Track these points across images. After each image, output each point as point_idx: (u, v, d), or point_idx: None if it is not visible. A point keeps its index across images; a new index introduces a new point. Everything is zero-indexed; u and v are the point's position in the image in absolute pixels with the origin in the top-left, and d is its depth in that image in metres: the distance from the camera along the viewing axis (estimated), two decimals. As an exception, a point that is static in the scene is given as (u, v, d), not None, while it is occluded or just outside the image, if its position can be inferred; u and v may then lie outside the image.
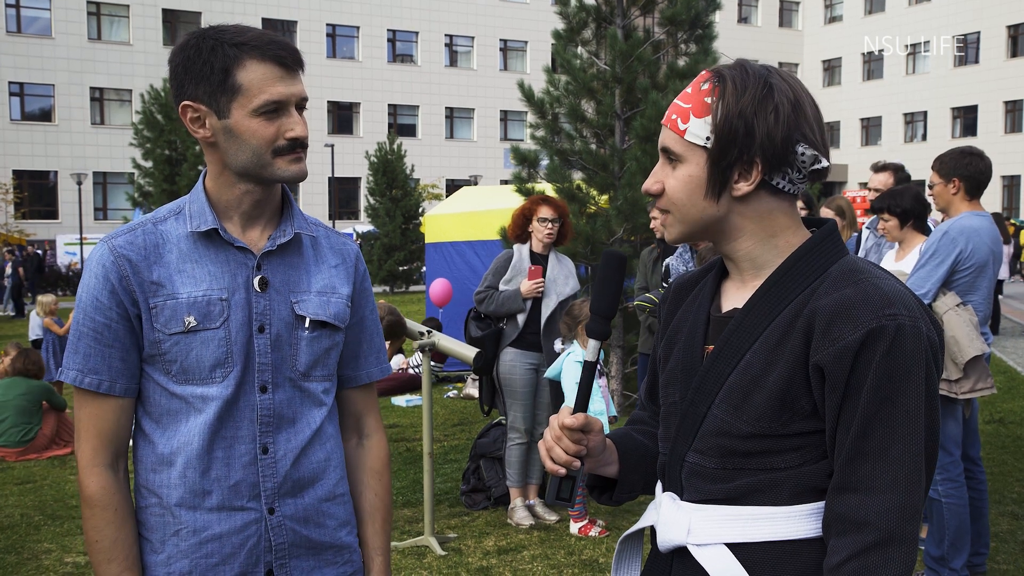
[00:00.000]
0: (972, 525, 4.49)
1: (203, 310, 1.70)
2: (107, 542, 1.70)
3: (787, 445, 1.39)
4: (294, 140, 1.71)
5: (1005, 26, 42.06)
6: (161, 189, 22.99)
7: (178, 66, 1.71)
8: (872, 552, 1.30)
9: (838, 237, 1.48)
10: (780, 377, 1.38)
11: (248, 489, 1.73)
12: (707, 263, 1.64)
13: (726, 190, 1.45)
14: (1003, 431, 7.75)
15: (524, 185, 8.70)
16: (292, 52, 1.72)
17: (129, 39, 38.66)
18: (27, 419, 7.83)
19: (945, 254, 4.22)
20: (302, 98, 1.73)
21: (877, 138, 47.64)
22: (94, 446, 1.71)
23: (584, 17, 8.75)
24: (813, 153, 1.43)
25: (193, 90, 1.69)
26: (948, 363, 4.20)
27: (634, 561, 1.64)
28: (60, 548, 5.44)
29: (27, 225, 35.60)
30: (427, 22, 43.89)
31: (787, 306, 1.42)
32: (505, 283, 5.66)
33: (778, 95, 1.42)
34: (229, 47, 1.67)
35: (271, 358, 1.75)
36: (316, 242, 1.86)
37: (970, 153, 4.39)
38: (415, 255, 27.86)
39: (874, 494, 1.31)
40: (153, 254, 1.72)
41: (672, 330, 1.61)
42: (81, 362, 1.70)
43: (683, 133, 1.45)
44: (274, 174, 1.72)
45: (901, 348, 1.31)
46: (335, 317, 1.82)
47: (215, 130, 1.70)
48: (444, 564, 4.94)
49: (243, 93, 1.67)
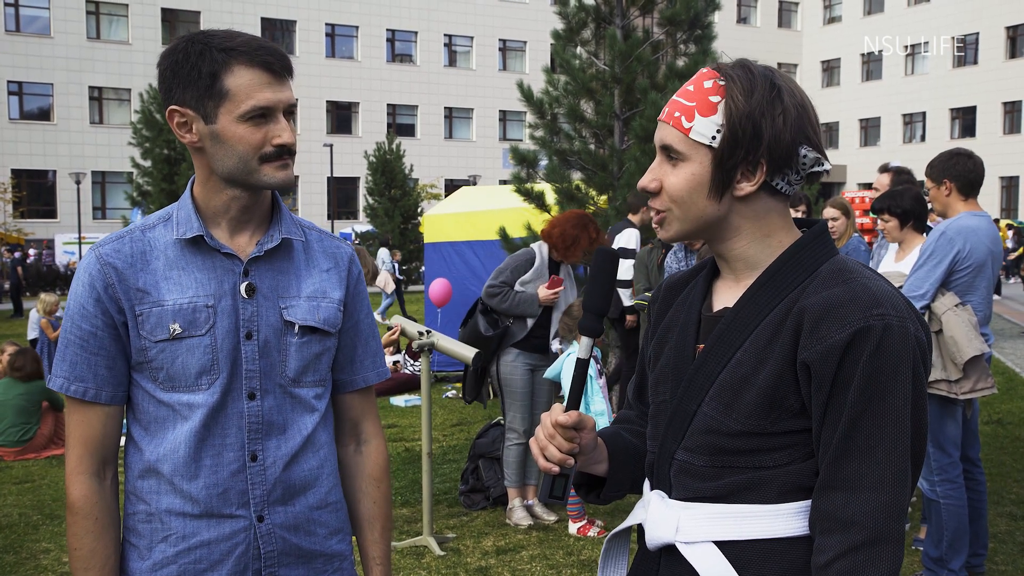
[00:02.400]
0: (971, 526, 4.49)
1: (188, 317, 1.70)
2: (85, 551, 1.71)
3: (775, 443, 1.40)
4: (281, 147, 1.70)
5: (1004, 27, 42.07)
6: (160, 188, 22.96)
7: (166, 70, 1.70)
8: (860, 551, 1.31)
9: (828, 237, 1.49)
10: (769, 375, 1.39)
11: (237, 496, 1.72)
12: (699, 263, 1.64)
13: (729, 190, 1.45)
14: (1001, 432, 7.75)
15: (523, 185, 8.70)
16: (281, 58, 1.71)
17: (128, 38, 38.65)
18: (25, 419, 7.83)
19: (943, 254, 4.23)
20: (290, 104, 1.72)
21: (876, 139, 47.66)
22: (79, 453, 1.72)
23: (583, 17, 8.75)
24: (815, 156, 1.44)
25: (180, 94, 1.69)
26: (948, 363, 4.20)
27: (621, 559, 1.64)
28: (58, 548, 5.44)
29: (26, 224, 35.58)
30: (426, 22, 43.90)
31: (777, 305, 1.43)
32: (523, 284, 5.63)
33: (787, 97, 1.42)
34: (217, 52, 1.66)
35: (259, 365, 1.74)
36: (308, 246, 1.85)
37: (957, 154, 4.43)
38: (414, 255, 27.86)
39: (860, 493, 1.32)
40: (140, 261, 1.71)
41: (663, 329, 1.61)
42: (68, 370, 1.71)
43: (688, 131, 1.44)
44: (260, 180, 1.71)
45: (888, 348, 1.32)
46: (325, 322, 1.81)
47: (202, 135, 1.69)
48: (443, 564, 4.93)
49: (230, 98, 1.66)
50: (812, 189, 23.31)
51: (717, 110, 1.42)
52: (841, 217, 6.03)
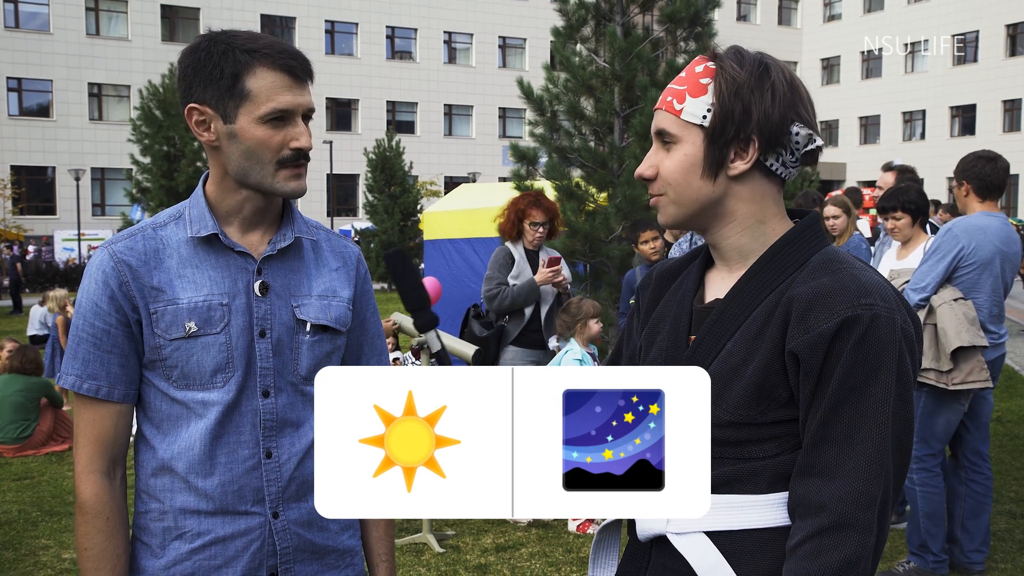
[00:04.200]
0: (973, 522, 4.56)
1: (204, 315, 1.70)
2: (96, 550, 1.70)
3: (765, 434, 1.41)
4: (298, 150, 1.70)
5: (1004, 25, 42.06)
6: (159, 185, 22.92)
7: (187, 67, 1.70)
8: (825, 535, 1.32)
9: (819, 228, 1.50)
10: (759, 365, 1.40)
11: (252, 493, 1.72)
12: (692, 250, 1.65)
13: (723, 169, 1.46)
14: (1000, 430, 7.76)
15: (523, 182, 8.69)
16: (303, 62, 1.72)
17: (128, 35, 38.60)
18: (24, 415, 7.82)
19: (946, 250, 4.31)
20: (309, 108, 1.73)
21: (876, 137, 47.65)
22: (90, 452, 1.71)
23: (583, 14, 8.74)
24: (808, 132, 1.44)
25: (201, 93, 1.69)
26: (940, 354, 4.26)
27: (612, 551, 1.65)
28: (58, 544, 5.44)
29: (25, 221, 35.55)
30: (426, 19, 43.86)
31: (767, 296, 1.43)
32: (513, 279, 5.70)
33: (775, 74, 1.44)
34: (241, 53, 1.67)
35: (273, 363, 1.74)
36: (317, 246, 1.86)
37: (980, 157, 4.51)
38: (413, 252, 27.85)
39: (834, 479, 1.33)
40: (153, 259, 1.71)
41: (655, 319, 1.61)
42: (80, 367, 1.70)
43: (679, 113, 1.45)
44: (273, 188, 1.72)
45: (875, 337, 1.33)
46: (336, 321, 1.82)
47: (220, 134, 1.70)
48: (442, 561, 4.93)
49: (251, 99, 1.67)
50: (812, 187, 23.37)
51: (707, 90, 1.44)
52: (842, 215, 6.03)
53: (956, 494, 4.60)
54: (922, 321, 4.30)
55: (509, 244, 5.88)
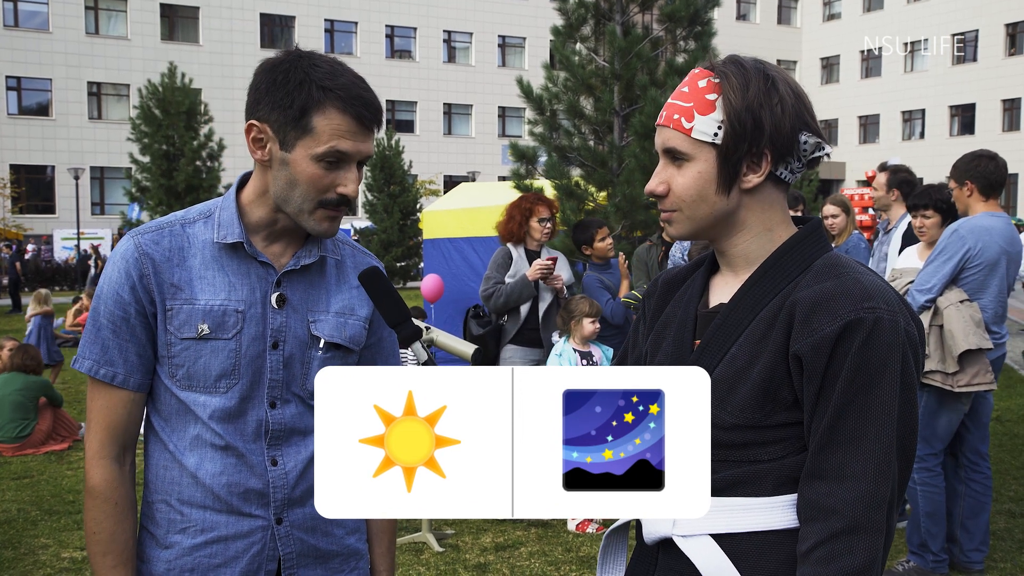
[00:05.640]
0: (973, 521, 4.56)
1: (217, 319, 1.70)
2: (105, 535, 1.71)
3: (770, 437, 1.42)
4: (343, 196, 1.69)
5: (1003, 24, 42.06)
6: (158, 184, 22.90)
7: (260, 84, 1.69)
8: (838, 539, 1.33)
9: (822, 233, 1.51)
10: (763, 368, 1.40)
11: (257, 498, 1.73)
12: (696, 258, 1.66)
13: (736, 183, 1.47)
14: (1000, 429, 7.77)
15: (522, 182, 8.69)
16: (375, 112, 1.70)
17: (127, 34, 38.57)
18: (24, 415, 7.82)
19: (952, 251, 4.30)
20: (367, 156, 1.71)
21: (875, 136, 47.65)
22: (102, 439, 1.72)
23: (583, 13, 8.74)
24: (816, 140, 1.46)
25: (267, 114, 1.67)
26: (946, 356, 4.26)
27: (620, 555, 1.66)
28: (57, 543, 5.44)
29: (24, 220, 35.54)
30: (425, 18, 43.85)
31: (771, 300, 1.45)
32: (510, 278, 5.73)
33: (782, 87, 1.45)
34: (316, 89, 1.64)
35: (282, 375, 1.75)
36: (341, 263, 1.85)
37: (980, 155, 4.51)
38: (413, 251, 27.85)
39: (843, 482, 1.34)
40: (176, 256, 1.72)
41: (660, 324, 1.62)
42: (99, 353, 1.70)
43: (689, 132, 1.46)
44: (306, 223, 1.71)
45: (878, 340, 1.34)
46: (351, 340, 1.81)
47: (273, 158, 1.69)
48: (441, 561, 4.93)
49: (313, 135, 1.65)
50: (811, 187, 23.38)
51: (715, 107, 1.44)
52: (841, 214, 6.04)
53: (956, 493, 4.61)
54: (928, 322, 4.29)
55: (510, 245, 5.91)
